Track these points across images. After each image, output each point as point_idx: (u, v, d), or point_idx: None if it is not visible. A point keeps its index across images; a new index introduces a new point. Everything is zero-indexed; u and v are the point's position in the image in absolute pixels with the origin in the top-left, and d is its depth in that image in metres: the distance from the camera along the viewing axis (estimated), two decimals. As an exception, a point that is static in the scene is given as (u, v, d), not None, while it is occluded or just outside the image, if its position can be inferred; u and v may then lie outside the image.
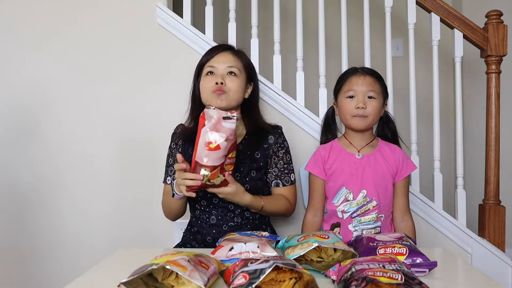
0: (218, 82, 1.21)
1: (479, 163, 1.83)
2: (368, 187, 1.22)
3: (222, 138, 1.01)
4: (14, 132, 1.71)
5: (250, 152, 1.28)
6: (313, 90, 1.73)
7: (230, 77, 1.24)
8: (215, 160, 1.01)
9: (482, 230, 1.65)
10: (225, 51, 1.29)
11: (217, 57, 1.27)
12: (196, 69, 1.32)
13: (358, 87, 1.23)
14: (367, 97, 1.22)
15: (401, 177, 1.26)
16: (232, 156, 1.07)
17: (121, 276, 0.66)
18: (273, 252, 0.85)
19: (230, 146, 1.04)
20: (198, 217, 1.28)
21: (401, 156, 1.27)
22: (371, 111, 1.22)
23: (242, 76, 1.28)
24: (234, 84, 1.24)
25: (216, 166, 1.02)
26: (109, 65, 1.70)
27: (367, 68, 1.30)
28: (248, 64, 1.33)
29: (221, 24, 1.84)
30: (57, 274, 1.69)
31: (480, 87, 1.98)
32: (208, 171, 1.01)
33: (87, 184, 1.69)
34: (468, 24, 1.64)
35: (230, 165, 1.07)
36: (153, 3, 1.69)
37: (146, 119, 1.69)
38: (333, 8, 1.92)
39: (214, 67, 1.25)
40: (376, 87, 1.24)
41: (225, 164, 1.04)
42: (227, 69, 1.25)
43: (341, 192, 1.24)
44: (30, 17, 1.71)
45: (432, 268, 0.81)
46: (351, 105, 1.23)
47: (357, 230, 1.23)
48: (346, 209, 1.24)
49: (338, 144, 1.31)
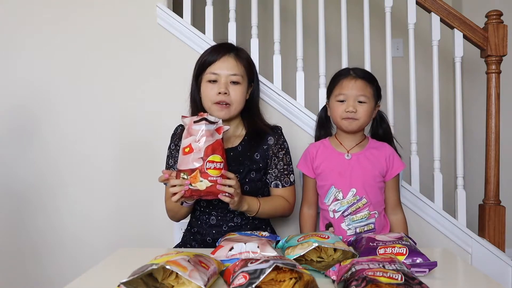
0: (221, 91, 1.20)
1: (479, 163, 1.83)
2: (357, 185, 1.24)
3: (193, 140, 1.03)
4: (14, 132, 1.71)
5: (250, 154, 1.27)
6: (313, 90, 1.73)
7: (233, 86, 1.23)
8: (191, 163, 1.03)
9: (482, 230, 1.65)
10: (228, 54, 1.25)
11: (220, 62, 1.23)
12: (196, 68, 1.29)
13: (348, 91, 1.23)
14: (358, 102, 1.22)
15: (391, 176, 1.28)
16: (216, 161, 1.04)
17: (121, 276, 0.66)
18: (273, 252, 0.85)
19: (208, 149, 1.03)
20: (198, 217, 1.28)
21: (389, 153, 1.28)
22: (361, 115, 1.22)
23: (244, 82, 1.26)
24: (238, 93, 1.23)
25: (193, 169, 1.02)
26: (109, 65, 1.70)
27: (360, 70, 1.28)
28: (249, 65, 1.30)
29: (221, 24, 1.84)
30: (57, 274, 1.69)
31: (480, 87, 1.98)
32: (186, 175, 1.02)
33: (87, 184, 1.69)
34: (468, 24, 1.64)
35: (216, 169, 1.04)
36: (153, 3, 1.69)
37: (146, 119, 1.69)
38: (333, 8, 1.92)
39: (217, 74, 1.23)
40: (367, 91, 1.23)
41: (206, 168, 1.03)
42: (230, 77, 1.23)
43: (330, 191, 1.26)
44: (30, 17, 1.71)
45: (432, 268, 0.81)
46: (341, 108, 1.23)
47: (351, 228, 1.24)
48: (337, 208, 1.25)
49: (329, 143, 1.32)
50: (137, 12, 1.70)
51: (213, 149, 1.04)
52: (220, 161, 1.05)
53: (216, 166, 1.04)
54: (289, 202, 1.30)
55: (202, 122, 1.04)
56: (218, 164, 1.05)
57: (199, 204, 1.27)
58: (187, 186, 1.02)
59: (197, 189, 1.03)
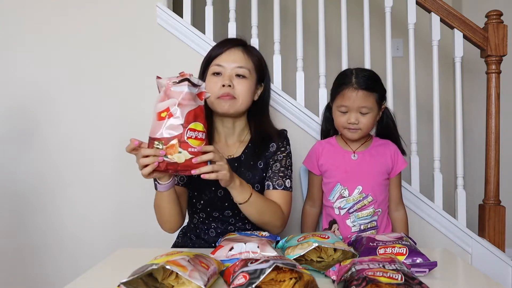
0: (225, 84, 1.10)
1: (479, 163, 1.83)
2: (363, 183, 1.24)
3: (173, 103, 0.87)
4: (14, 132, 1.71)
5: (253, 163, 1.18)
6: (313, 90, 1.73)
7: (238, 79, 1.12)
8: (168, 130, 0.86)
9: (482, 230, 1.65)
10: (235, 47, 1.15)
11: (226, 54, 1.14)
12: (202, 64, 1.20)
13: (350, 103, 1.20)
14: (360, 113, 1.21)
15: (395, 173, 1.30)
16: (198, 129, 0.88)
17: (121, 276, 0.66)
18: (273, 252, 0.85)
19: (189, 114, 0.87)
20: (196, 225, 1.22)
21: (394, 150, 1.30)
22: (363, 125, 1.22)
23: (252, 77, 1.15)
24: (243, 88, 1.12)
25: (171, 137, 0.86)
26: (109, 65, 1.70)
27: (362, 78, 1.21)
28: (259, 62, 1.19)
29: (221, 24, 1.84)
30: (57, 274, 1.69)
31: (480, 87, 1.98)
32: (162, 144, 0.86)
33: (87, 184, 1.69)
34: (468, 24, 1.64)
35: (198, 140, 0.88)
36: (153, 3, 1.69)
37: (145, 119, 1.67)
38: (333, 8, 1.92)
39: (222, 66, 1.12)
40: (369, 102, 1.20)
41: (186, 137, 0.87)
42: (236, 69, 1.12)
43: (336, 188, 1.26)
44: (29, 17, 1.71)
45: (432, 268, 0.81)
46: (343, 119, 1.23)
47: (355, 225, 1.24)
48: (343, 205, 1.26)
49: (335, 141, 1.33)
50: (137, 12, 1.70)
51: (195, 115, 0.89)
52: (202, 130, 0.89)
53: (198, 136, 0.88)
54: (282, 208, 1.14)
55: (184, 83, 0.88)
56: (200, 134, 0.89)
57: (198, 215, 1.20)
58: (162, 158, 0.86)
59: (174, 161, 0.87)
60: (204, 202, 1.17)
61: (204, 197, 1.17)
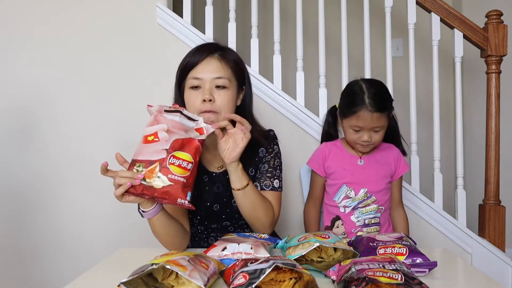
0: (206, 99, 1.03)
1: (479, 163, 1.83)
2: (369, 185, 1.27)
3: (162, 128, 0.86)
4: (13, 133, 1.70)
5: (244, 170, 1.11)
6: (313, 90, 1.73)
7: (219, 91, 1.06)
8: (151, 154, 0.84)
9: (482, 230, 1.65)
10: (211, 56, 1.09)
11: (202, 65, 1.07)
12: (177, 73, 1.14)
13: (365, 125, 1.20)
14: (373, 131, 1.22)
15: (396, 177, 1.33)
16: (184, 159, 0.85)
17: (121, 276, 0.66)
18: (266, 254, 0.84)
19: (176, 142, 0.86)
20: (195, 234, 1.21)
21: (397, 154, 1.33)
22: (375, 140, 1.23)
23: (232, 86, 1.09)
24: (225, 100, 1.06)
25: (153, 161, 0.84)
26: (109, 65, 1.70)
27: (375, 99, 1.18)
28: (237, 67, 1.12)
29: (221, 24, 1.84)
30: (57, 274, 1.69)
31: (480, 87, 1.98)
32: (142, 166, 0.84)
33: (87, 184, 1.69)
34: (468, 24, 1.64)
35: (181, 168, 0.84)
36: (153, 3, 1.69)
37: (145, 119, 1.67)
38: (333, 8, 1.92)
39: (200, 79, 1.06)
40: (382, 121, 1.20)
41: (168, 163, 0.84)
42: (215, 81, 1.06)
43: (342, 189, 1.29)
44: (29, 17, 1.71)
45: (432, 268, 0.81)
46: (356, 136, 1.23)
47: (360, 220, 1.27)
48: (348, 204, 1.28)
49: (341, 144, 1.34)
50: (137, 12, 1.70)
51: (183, 144, 0.86)
52: (189, 160, 0.85)
53: (181, 165, 0.84)
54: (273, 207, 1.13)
55: (175, 114, 0.87)
56: (185, 163, 0.85)
57: (196, 228, 1.18)
58: (139, 180, 0.83)
59: (150, 186, 0.83)
60: (200, 217, 1.17)
61: (200, 213, 1.16)
